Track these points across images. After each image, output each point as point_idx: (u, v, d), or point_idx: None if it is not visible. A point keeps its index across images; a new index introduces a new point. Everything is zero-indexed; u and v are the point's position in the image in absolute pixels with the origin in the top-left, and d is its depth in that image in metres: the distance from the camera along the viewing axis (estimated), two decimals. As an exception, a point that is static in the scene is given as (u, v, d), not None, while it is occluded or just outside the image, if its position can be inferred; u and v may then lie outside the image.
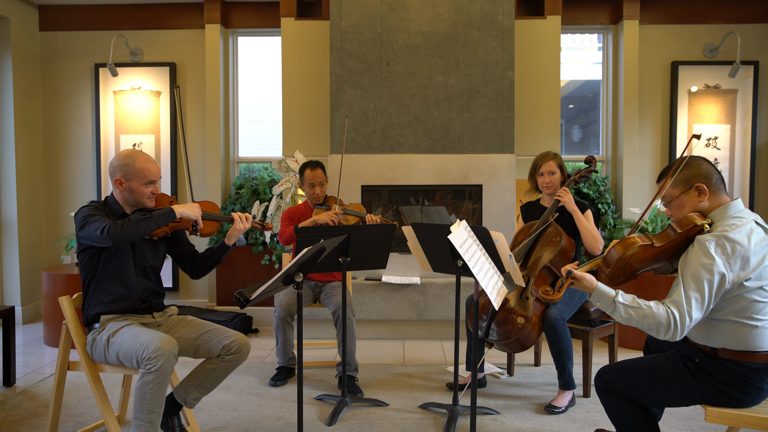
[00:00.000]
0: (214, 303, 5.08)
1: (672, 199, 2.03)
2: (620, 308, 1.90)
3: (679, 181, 2.00)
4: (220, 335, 2.45)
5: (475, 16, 4.47)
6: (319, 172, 3.55)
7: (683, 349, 2.04)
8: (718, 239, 1.86)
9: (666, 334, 1.84)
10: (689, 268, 1.87)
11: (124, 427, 2.79)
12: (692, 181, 1.98)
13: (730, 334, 1.91)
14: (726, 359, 1.92)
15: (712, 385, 1.94)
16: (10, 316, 3.41)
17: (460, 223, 2.31)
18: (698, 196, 1.98)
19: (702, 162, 2.01)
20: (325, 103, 4.81)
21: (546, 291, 1.97)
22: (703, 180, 1.98)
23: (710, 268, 1.83)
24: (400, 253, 4.46)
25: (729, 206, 1.96)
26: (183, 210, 2.40)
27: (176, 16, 5.14)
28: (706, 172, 1.99)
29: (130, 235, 2.24)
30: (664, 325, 1.83)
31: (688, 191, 1.99)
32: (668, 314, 1.84)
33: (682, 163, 2.01)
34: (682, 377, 1.98)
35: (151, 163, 2.43)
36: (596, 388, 2.14)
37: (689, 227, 1.93)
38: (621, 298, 1.91)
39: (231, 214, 2.54)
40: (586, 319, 3.21)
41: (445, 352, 4.04)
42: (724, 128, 4.98)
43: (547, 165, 3.21)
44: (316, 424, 2.82)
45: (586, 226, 3.08)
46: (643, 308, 1.86)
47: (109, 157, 5.13)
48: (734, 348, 1.91)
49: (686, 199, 2.00)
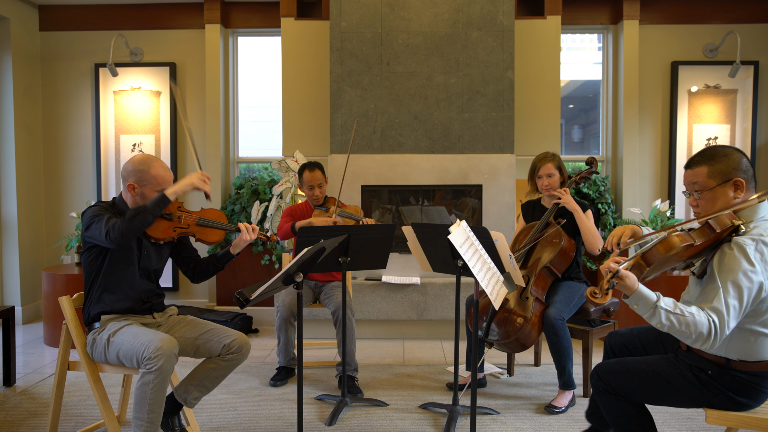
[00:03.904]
0: (214, 303, 5.08)
1: (705, 190, 1.85)
2: (661, 314, 1.73)
3: (717, 172, 1.83)
4: (220, 335, 2.45)
5: (475, 16, 4.47)
6: (318, 174, 3.55)
7: (692, 360, 1.96)
8: (757, 244, 1.73)
9: (704, 343, 1.72)
10: (729, 272, 1.73)
11: (124, 427, 2.79)
12: (731, 175, 1.82)
13: (750, 345, 1.84)
14: (740, 371, 1.86)
15: (726, 396, 1.89)
16: (10, 316, 3.41)
17: (460, 223, 2.31)
18: (734, 191, 1.83)
19: (742, 155, 1.86)
20: (325, 103, 4.81)
21: (594, 293, 1.74)
22: (743, 175, 1.82)
23: (751, 275, 1.71)
24: (400, 253, 4.46)
25: (761, 207, 1.82)
26: (175, 189, 2.34)
27: (176, 16, 5.14)
28: (745, 167, 1.84)
29: (129, 232, 2.22)
30: (705, 334, 1.70)
31: (724, 184, 1.83)
32: (710, 323, 1.70)
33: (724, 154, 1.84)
34: (691, 387, 1.92)
35: (166, 172, 2.42)
36: (594, 388, 2.09)
37: (727, 227, 1.78)
38: (663, 303, 1.74)
39: (238, 224, 2.52)
40: (586, 319, 3.21)
41: (445, 352, 4.04)
42: (724, 128, 4.98)
43: (545, 167, 3.21)
44: (316, 424, 2.82)
45: (587, 225, 3.09)
46: (685, 315, 1.71)
47: (109, 157, 5.13)
48: (751, 359, 1.84)
49: (720, 193, 1.83)
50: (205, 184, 2.41)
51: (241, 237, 2.52)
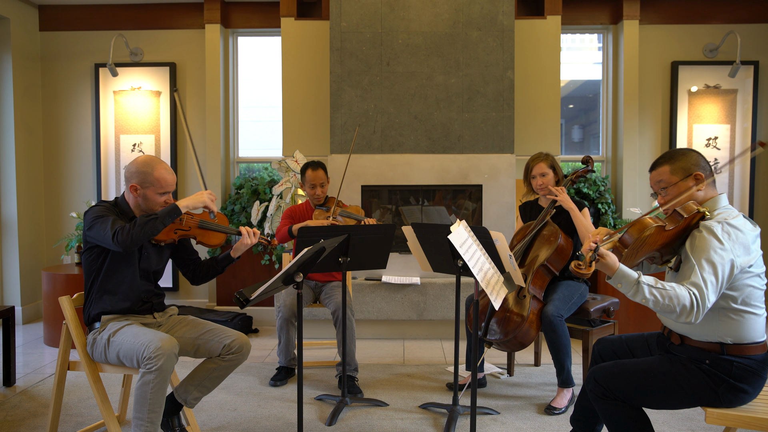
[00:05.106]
0: (214, 303, 5.08)
1: (669, 185, 2.07)
2: (644, 289, 1.85)
3: (679, 168, 2.06)
4: (220, 335, 2.45)
5: (475, 16, 4.47)
6: (321, 173, 3.55)
7: (687, 353, 2.01)
8: (723, 225, 1.90)
9: (688, 316, 1.83)
10: (701, 251, 1.89)
11: (124, 427, 2.79)
12: (691, 170, 2.04)
13: (739, 325, 1.93)
14: (737, 356, 1.93)
15: (728, 384, 1.93)
16: (10, 316, 3.41)
17: (460, 223, 2.31)
18: (696, 184, 2.03)
19: (699, 155, 2.09)
20: (325, 103, 4.81)
21: (578, 265, 1.85)
22: (701, 170, 2.04)
23: (721, 253, 1.86)
24: (400, 253, 4.46)
25: (721, 198, 2.04)
26: (188, 203, 2.38)
27: (176, 16, 5.14)
28: (703, 163, 2.06)
29: (138, 239, 2.23)
30: (688, 306, 1.82)
31: (686, 179, 2.04)
32: (691, 296, 1.83)
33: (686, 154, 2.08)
34: (694, 380, 1.95)
35: (168, 174, 2.42)
36: (591, 393, 2.06)
37: (693, 213, 1.97)
38: (644, 279, 1.87)
39: (239, 228, 2.52)
40: (586, 319, 3.22)
41: (445, 352, 4.04)
42: (724, 128, 4.98)
43: (538, 167, 3.23)
44: (316, 424, 2.83)
45: (583, 223, 3.10)
46: (666, 289, 1.84)
47: (109, 157, 5.13)
48: (743, 341, 1.93)
49: (683, 186, 2.04)
50: (213, 203, 2.49)
51: (242, 241, 2.52)
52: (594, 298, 3.31)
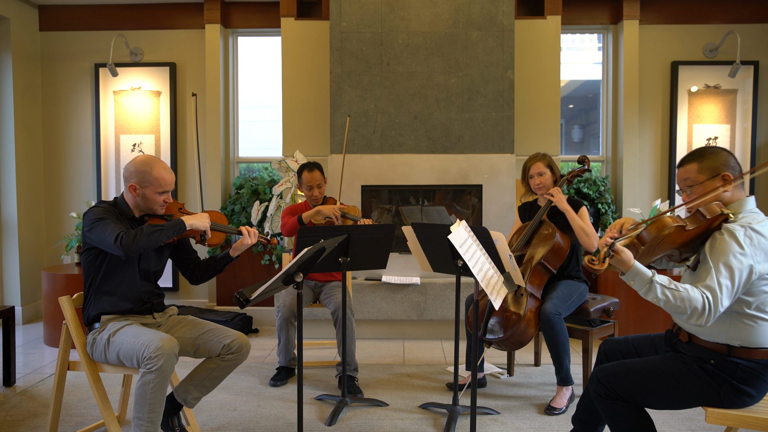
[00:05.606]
0: (214, 303, 5.08)
1: (696, 184, 2.01)
2: (657, 288, 1.84)
3: (707, 167, 2.00)
4: (220, 335, 2.45)
5: (475, 16, 4.47)
6: (317, 174, 3.54)
7: (694, 352, 2.00)
8: (746, 230, 1.86)
9: (699, 318, 1.82)
10: (720, 254, 1.86)
11: (124, 427, 2.79)
12: (719, 170, 1.98)
13: (750, 330, 1.91)
14: (742, 358, 1.91)
15: (731, 386, 1.92)
16: (10, 316, 3.41)
17: (460, 223, 2.31)
18: (723, 185, 1.97)
19: (729, 154, 2.03)
20: (325, 103, 4.81)
21: (592, 260, 1.83)
22: (731, 170, 1.99)
23: (741, 258, 1.83)
24: (400, 253, 4.46)
25: (748, 201, 1.98)
26: (193, 222, 2.40)
27: (176, 16, 5.14)
28: (733, 164, 2.01)
29: (142, 248, 2.25)
30: (699, 309, 1.80)
31: (713, 179, 1.99)
32: (704, 299, 1.81)
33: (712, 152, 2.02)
34: (697, 380, 1.95)
35: (167, 173, 2.43)
36: (594, 393, 2.05)
37: (716, 215, 1.93)
38: (658, 278, 1.85)
39: (240, 228, 2.53)
40: (586, 319, 3.22)
41: (445, 352, 4.04)
42: (724, 128, 4.98)
43: (535, 167, 3.26)
44: (316, 424, 2.82)
45: (579, 224, 3.11)
46: (680, 290, 1.82)
47: (109, 157, 5.13)
48: (752, 345, 1.91)
49: (710, 186, 1.99)
50: (209, 229, 2.49)
51: (243, 241, 2.52)
52: (594, 298, 3.31)
